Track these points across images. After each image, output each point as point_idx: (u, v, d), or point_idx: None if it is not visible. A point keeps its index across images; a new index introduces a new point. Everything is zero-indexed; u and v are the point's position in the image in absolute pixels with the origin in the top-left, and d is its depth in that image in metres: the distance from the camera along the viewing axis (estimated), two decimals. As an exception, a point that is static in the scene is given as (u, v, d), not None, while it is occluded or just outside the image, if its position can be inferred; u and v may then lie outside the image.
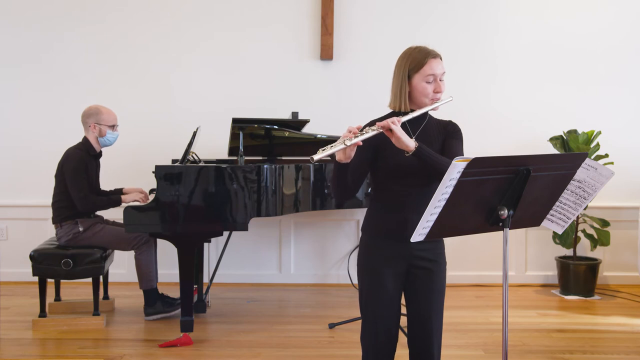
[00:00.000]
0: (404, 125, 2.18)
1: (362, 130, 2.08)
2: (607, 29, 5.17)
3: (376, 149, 2.20)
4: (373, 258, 2.26)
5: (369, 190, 4.02)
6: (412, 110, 2.20)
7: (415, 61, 2.20)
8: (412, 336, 2.29)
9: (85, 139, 4.11)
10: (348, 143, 2.00)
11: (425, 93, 2.20)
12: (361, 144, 2.04)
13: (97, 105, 4.15)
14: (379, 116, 2.32)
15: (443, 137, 2.27)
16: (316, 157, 1.99)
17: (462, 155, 2.22)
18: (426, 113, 2.25)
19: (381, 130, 2.06)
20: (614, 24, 5.17)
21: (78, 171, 3.97)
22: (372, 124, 2.21)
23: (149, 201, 3.90)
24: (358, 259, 2.33)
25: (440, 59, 2.24)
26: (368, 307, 2.27)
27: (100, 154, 4.18)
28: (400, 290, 2.27)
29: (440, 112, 2.29)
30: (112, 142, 4.16)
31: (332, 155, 2.06)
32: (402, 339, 2.35)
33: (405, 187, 2.22)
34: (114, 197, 4.08)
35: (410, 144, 2.07)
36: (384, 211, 2.25)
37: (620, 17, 5.17)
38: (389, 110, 2.32)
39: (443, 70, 2.23)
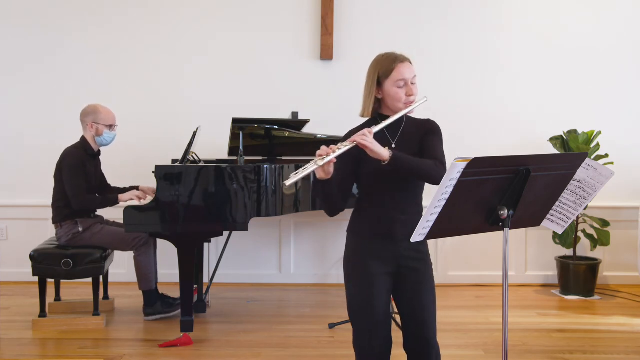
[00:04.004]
0: (381, 132, 2.18)
1: (338, 144, 2.07)
2: (608, 28, 5.17)
3: (357, 158, 2.20)
4: (362, 260, 2.24)
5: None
6: (387, 117, 2.22)
7: (383, 68, 2.22)
8: (410, 338, 2.28)
9: (83, 138, 4.11)
10: (320, 163, 2.02)
11: (397, 98, 2.21)
12: (335, 160, 2.05)
13: (95, 104, 4.14)
14: (357, 125, 2.32)
15: (421, 135, 2.27)
16: (288, 182, 1.98)
17: (442, 150, 2.24)
18: (403, 116, 2.25)
19: (354, 144, 2.07)
20: (615, 24, 5.17)
21: (74, 170, 3.97)
22: (349, 135, 2.22)
23: (146, 201, 3.90)
24: (345, 262, 2.30)
25: (410, 63, 2.25)
26: (361, 312, 2.23)
27: (98, 153, 4.18)
28: (390, 292, 2.26)
29: (441, 112, 2.29)
30: (109, 142, 4.16)
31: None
32: (399, 339, 2.34)
33: (390, 190, 2.22)
34: (110, 196, 4.08)
35: (384, 153, 2.07)
36: (370, 213, 2.26)
37: (620, 17, 5.17)
38: (366, 119, 2.32)
39: (413, 73, 2.23)
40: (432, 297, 2.27)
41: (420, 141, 2.25)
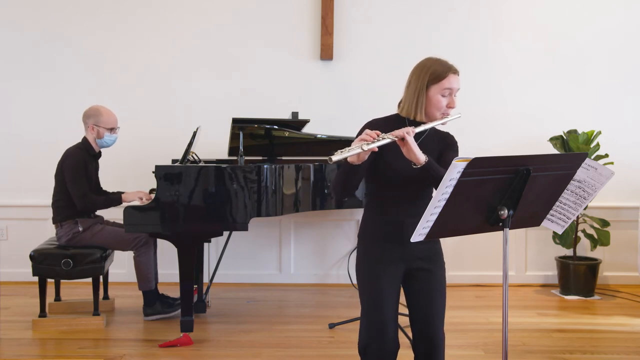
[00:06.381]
0: None
1: (380, 135, 2.07)
2: (608, 29, 5.18)
3: (375, 155, 2.18)
4: (370, 264, 2.25)
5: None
6: (414, 120, 2.21)
7: (435, 73, 2.21)
8: (416, 337, 2.28)
9: (84, 139, 4.11)
10: (365, 148, 2.00)
11: (439, 106, 2.21)
12: (377, 150, 2.05)
13: (98, 106, 4.13)
14: (384, 115, 2.31)
15: (440, 148, 2.28)
16: (334, 158, 1.98)
17: None
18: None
19: (395, 139, 2.06)
20: (615, 25, 5.17)
21: (77, 170, 3.97)
22: (368, 126, 2.20)
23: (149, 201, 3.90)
24: (356, 266, 2.33)
25: (458, 75, 2.25)
26: (369, 315, 2.24)
27: (99, 154, 4.18)
28: (398, 293, 2.27)
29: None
30: (110, 144, 4.15)
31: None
32: (403, 339, 2.34)
33: (402, 193, 2.22)
34: (113, 196, 4.08)
35: (421, 157, 2.08)
36: (380, 216, 2.26)
37: (621, 18, 5.17)
38: (394, 112, 2.31)
39: (459, 86, 2.24)
40: (442, 298, 2.28)
41: (439, 153, 2.25)
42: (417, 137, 2.24)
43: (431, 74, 2.21)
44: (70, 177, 3.96)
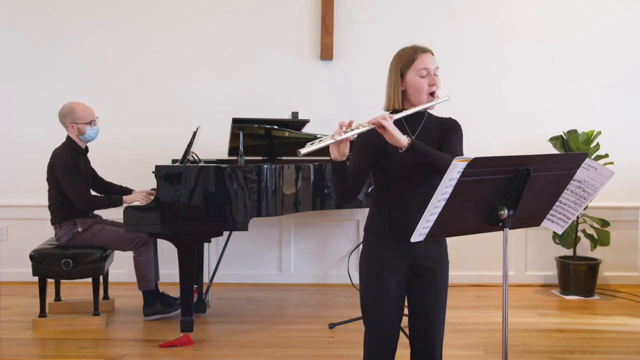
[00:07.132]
0: (401, 124, 2.17)
1: (353, 126, 2.06)
2: (608, 29, 5.18)
3: (377, 150, 2.18)
4: (376, 259, 2.23)
5: (369, 190, 4.02)
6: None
7: (406, 58, 2.21)
8: (414, 335, 2.27)
9: (68, 138, 4.08)
10: (337, 138, 1.99)
11: (420, 88, 2.19)
12: (352, 139, 2.02)
13: (71, 103, 4.08)
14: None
15: (442, 134, 2.24)
16: (303, 150, 1.96)
17: (461, 150, 2.23)
18: (424, 111, 2.23)
19: (372, 127, 2.05)
20: (615, 25, 5.18)
21: (69, 170, 3.95)
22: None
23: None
24: (361, 259, 2.31)
25: (432, 54, 2.24)
26: (371, 309, 2.23)
27: (86, 150, 4.16)
28: (404, 291, 2.25)
29: (441, 112, 2.28)
30: (94, 137, 4.12)
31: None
32: (402, 339, 2.34)
33: (408, 188, 2.20)
34: (114, 197, 4.07)
35: (403, 139, 2.05)
36: (387, 212, 2.23)
37: (620, 18, 5.18)
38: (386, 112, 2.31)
39: (436, 64, 2.22)
40: (444, 297, 2.26)
41: (440, 139, 2.23)
42: (415, 125, 2.22)
43: (402, 61, 2.21)
44: (63, 179, 3.94)
